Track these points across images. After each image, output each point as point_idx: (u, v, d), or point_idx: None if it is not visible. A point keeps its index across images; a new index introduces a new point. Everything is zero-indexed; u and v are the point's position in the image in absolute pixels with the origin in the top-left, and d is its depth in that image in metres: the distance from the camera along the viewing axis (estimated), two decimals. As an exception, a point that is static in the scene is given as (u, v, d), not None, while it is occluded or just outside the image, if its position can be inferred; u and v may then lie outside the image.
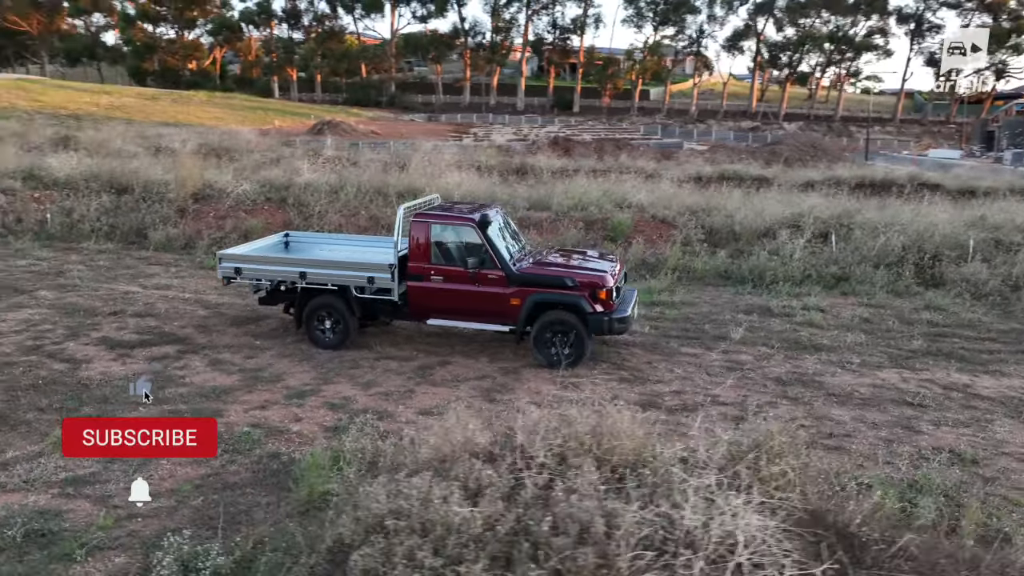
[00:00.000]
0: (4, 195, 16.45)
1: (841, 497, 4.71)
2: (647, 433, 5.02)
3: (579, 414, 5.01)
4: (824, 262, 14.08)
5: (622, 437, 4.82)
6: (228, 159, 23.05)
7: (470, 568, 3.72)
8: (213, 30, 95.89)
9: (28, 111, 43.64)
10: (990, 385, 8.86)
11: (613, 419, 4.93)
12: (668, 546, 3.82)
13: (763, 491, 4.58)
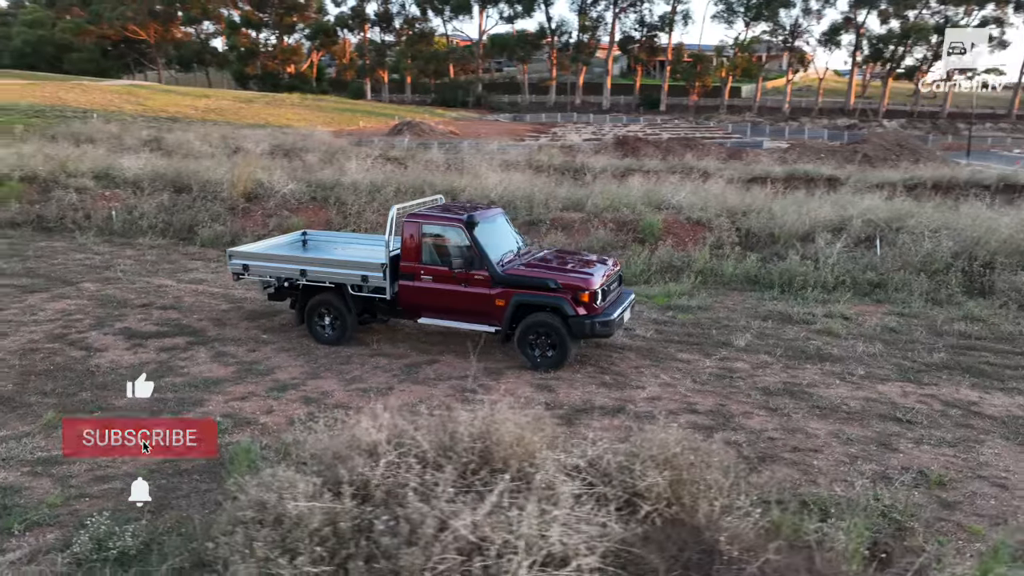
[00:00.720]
0: (77, 193, 17.76)
1: (725, 512, 4.56)
2: (541, 438, 5.01)
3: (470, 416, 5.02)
4: (861, 267, 13.40)
5: (504, 441, 4.83)
6: (297, 159, 24.03)
7: (298, 561, 3.84)
8: (310, 35, 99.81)
9: (132, 114, 46.71)
10: (1000, 404, 8.25)
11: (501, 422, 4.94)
12: (493, 550, 3.81)
13: (631, 500, 4.51)
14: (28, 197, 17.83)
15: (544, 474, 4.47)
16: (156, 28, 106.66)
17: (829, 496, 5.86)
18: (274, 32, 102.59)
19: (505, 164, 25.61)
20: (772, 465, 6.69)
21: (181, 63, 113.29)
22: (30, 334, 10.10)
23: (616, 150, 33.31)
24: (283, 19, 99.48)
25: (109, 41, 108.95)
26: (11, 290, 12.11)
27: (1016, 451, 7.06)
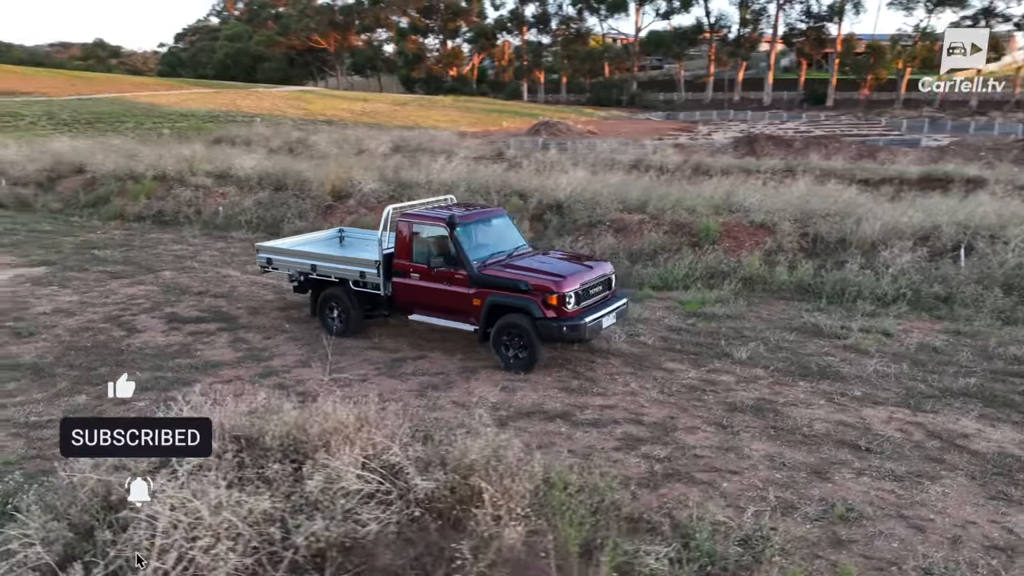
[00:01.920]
0: (193, 190, 19.81)
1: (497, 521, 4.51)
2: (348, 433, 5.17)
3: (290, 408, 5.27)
4: (929, 279, 12.11)
5: (312, 433, 5.03)
6: (409, 158, 25.20)
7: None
8: (471, 38, 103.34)
9: (293, 118, 50.81)
10: (998, 439, 7.26)
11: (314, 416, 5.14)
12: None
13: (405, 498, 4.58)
14: (156, 194, 20.12)
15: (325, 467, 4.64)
16: (336, 37, 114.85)
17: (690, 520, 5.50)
18: (439, 37, 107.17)
19: (608, 164, 25.42)
20: (673, 483, 6.36)
21: (356, 69, 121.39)
22: (92, 314, 11.51)
23: (739, 149, 31.84)
24: (447, 24, 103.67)
25: (295, 51, 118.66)
26: (102, 276, 13.81)
27: (970, 492, 6.23)
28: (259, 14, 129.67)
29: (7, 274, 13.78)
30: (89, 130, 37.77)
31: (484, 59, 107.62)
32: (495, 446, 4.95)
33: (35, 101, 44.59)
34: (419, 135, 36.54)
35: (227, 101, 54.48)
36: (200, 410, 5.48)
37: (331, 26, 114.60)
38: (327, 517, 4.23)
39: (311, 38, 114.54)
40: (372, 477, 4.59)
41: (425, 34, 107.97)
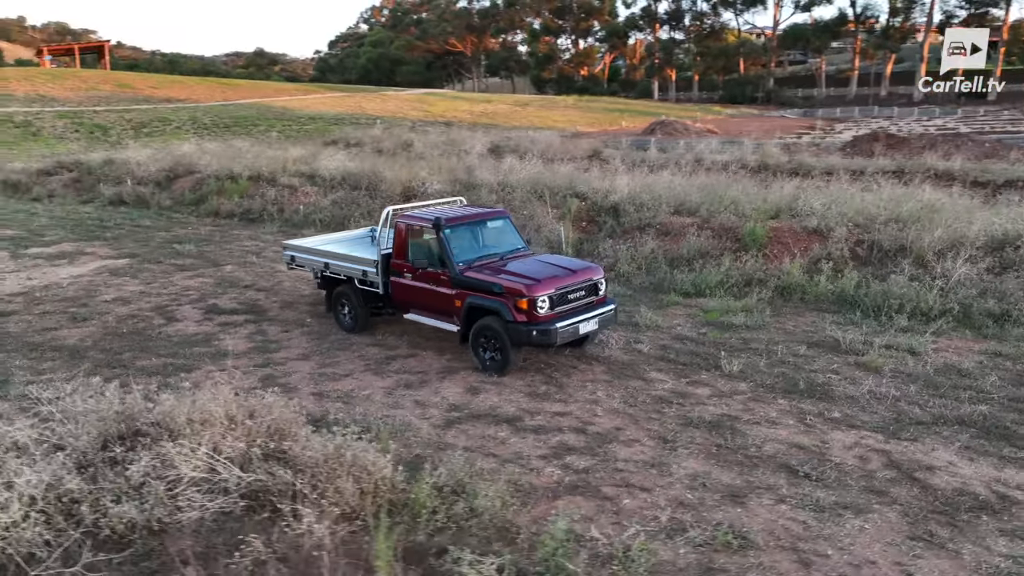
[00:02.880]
0: (279, 189, 21.13)
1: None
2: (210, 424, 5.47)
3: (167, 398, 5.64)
4: (985, 294, 10.95)
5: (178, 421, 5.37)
6: (499, 158, 25.60)
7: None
8: (602, 37, 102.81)
9: (413, 120, 52.71)
10: (965, 475, 6.52)
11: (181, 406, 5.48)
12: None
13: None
14: (248, 193, 21.63)
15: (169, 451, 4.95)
16: (472, 40, 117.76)
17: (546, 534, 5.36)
18: (570, 37, 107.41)
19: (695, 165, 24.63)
20: (573, 496, 6.22)
21: (491, 71, 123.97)
22: (144, 303, 12.62)
23: (853, 148, 29.78)
24: (579, 24, 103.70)
25: (433, 54, 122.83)
26: (171, 269, 15.08)
27: (892, 529, 5.66)
28: (402, 20, 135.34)
29: (94, 265, 15.36)
30: (225, 133, 41.03)
31: (615, 58, 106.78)
32: (337, 445, 5.07)
33: (184, 107, 49.02)
34: (522, 136, 36.87)
35: (354, 104, 57.33)
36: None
37: (468, 29, 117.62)
38: (145, 501, 4.52)
39: (448, 42, 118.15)
40: (199, 464, 4.86)
41: (557, 34, 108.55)
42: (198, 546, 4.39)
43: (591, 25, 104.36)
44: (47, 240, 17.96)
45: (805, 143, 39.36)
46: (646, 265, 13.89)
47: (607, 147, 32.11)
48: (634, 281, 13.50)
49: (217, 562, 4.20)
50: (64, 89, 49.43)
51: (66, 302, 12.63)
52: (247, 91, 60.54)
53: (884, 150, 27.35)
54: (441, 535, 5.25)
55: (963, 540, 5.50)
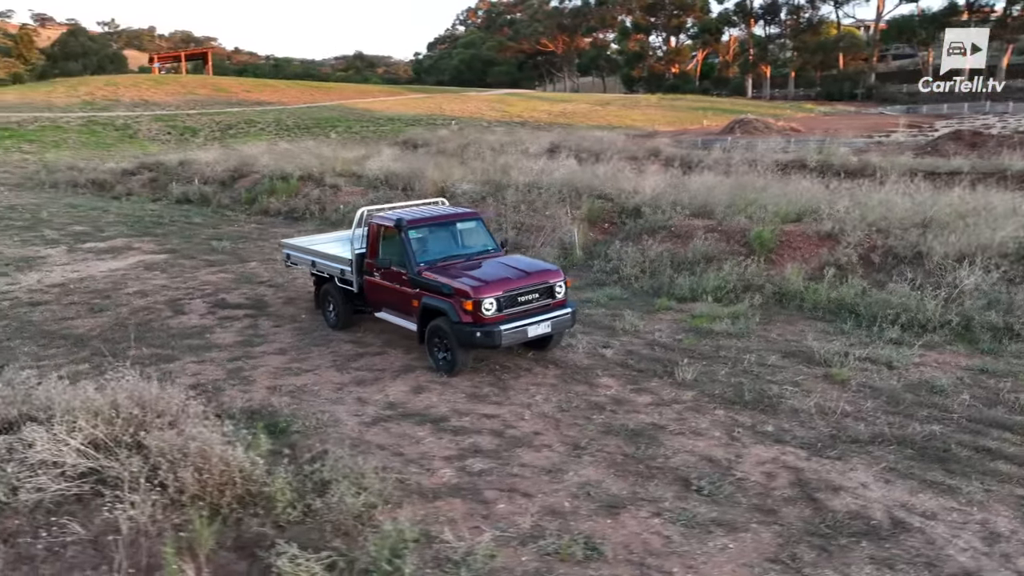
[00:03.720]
0: (324, 189, 21.89)
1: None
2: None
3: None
4: (991, 306, 10.16)
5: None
6: (554, 159, 25.62)
7: None
8: (694, 34, 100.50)
9: (489, 120, 53.24)
10: (872, 497, 6.12)
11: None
12: None
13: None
14: (297, 192, 22.53)
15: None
16: (563, 39, 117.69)
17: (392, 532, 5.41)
18: (661, 34, 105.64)
19: (751, 165, 23.85)
20: (452, 498, 6.25)
21: (581, 70, 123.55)
22: (161, 296, 13.40)
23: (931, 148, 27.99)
24: (670, 20, 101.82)
25: (524, 55, 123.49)
26: (201, 264, 15.93)
27: (758, 550, 5.41)
28: (495, 21, 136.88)
29: (133, 259, 16.42)
30: (304, 134, 42.76)
31: (708, 55, 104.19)
32: (187, 436, 5.31)
33: (271, 110, 51.39)
34: (588, 136, 36.63)
35: (434, 105, 58.45)
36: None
37: (559, 29, 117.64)
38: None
39: (540, 42, 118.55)
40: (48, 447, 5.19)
41: (649, 32, 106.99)
42: (26, 526, 4.72)
43: (683, 22, 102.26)
44: (105, 236, 19.32)
45: (891, 142, 37.35)
46: (650, 268, 13.61)
47: (674, 146, 31.53)
48: (635, 285, 13.25)
49: (19, 543, 4.51)
50: (165, 94, 52.79)
51: (93, 294, 13.58)
52: (334, 94, 62.80)
53: (963, 149, 25.59)
54: (292, 528, 5.42)
55: (825, 566, 5.20)
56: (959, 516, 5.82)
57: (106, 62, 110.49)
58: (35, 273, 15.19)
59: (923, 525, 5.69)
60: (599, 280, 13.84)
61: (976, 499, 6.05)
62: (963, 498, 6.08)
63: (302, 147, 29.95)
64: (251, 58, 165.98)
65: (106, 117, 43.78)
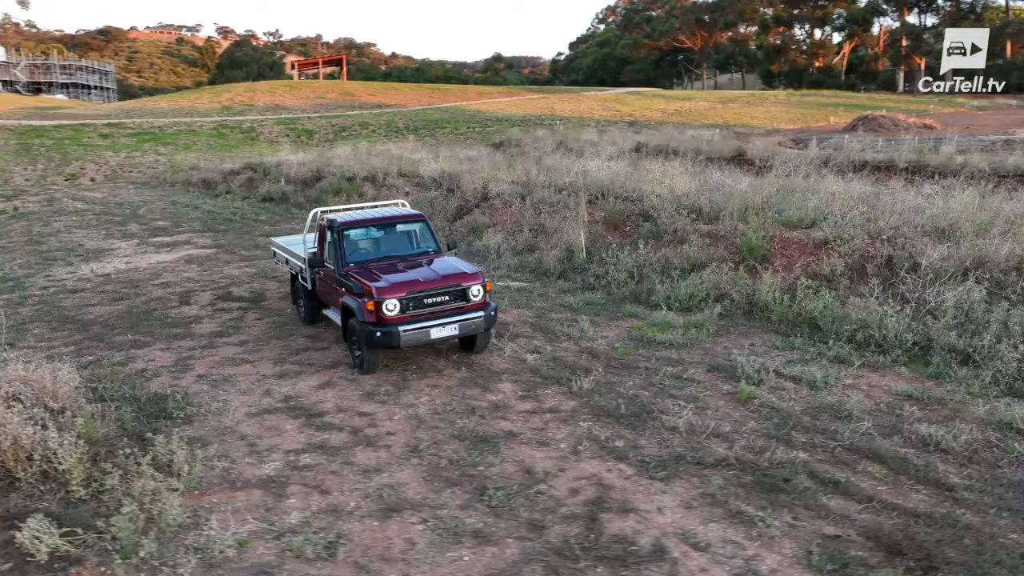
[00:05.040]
0: (379, 189, 22.76)
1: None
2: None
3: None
4: (957, 326, 9.11)
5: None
6: (623, 159, 25.27)
7: None
8: (839, 25, 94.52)
9: (598, 119, 52.84)
10: (660, 523, 5.78)
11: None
12: None
13: None
14: (358, 192, 23.58)
15: None
16: (701, 35, 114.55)
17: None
18: (804, 26, 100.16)
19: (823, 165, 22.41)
20: (254, 489, 6.53)
21: (719, 67, 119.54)
22: (179, 288, 14.57)
23: None
24: (814, 11, 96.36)
25: (660, 52, 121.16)
26: (234, 259, 17.12)
27: (469, 561, 5.29)
28: (632, 19, 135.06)
29: (182, 253, 17.92)
30: (410, 136, 44.41)
31: (855, 47, 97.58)
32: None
33: (386, 112, 53.74)
34: (676, 136, 35.59)
35: (545, 106, 58.73)
36: None
37: (696, 24, 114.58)
38: None
39: (676, 38, 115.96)
40: None
41: (790, 25, 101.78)
42: None
43: (829, 12, 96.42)
44: (177, 231, 21.16)
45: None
46: (639, 274, 13.21)
47: (769, 145, 30.11)
48: (619, 290, 12.93)
49: None
50: (296, 99, 56.60)
51: (126, 284, 15.00)
52: (452, 96, 64.65)
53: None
54: (83, 506, 5.91)
55: (535, 587, 5.02)
56: (731, 550, 5.39)
57: (266, 69, 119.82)
58: (95, 264, 16.95)
59: (681, 555, 5.33)
60: (588, 284, 13.60)
61: (769, 534, 5.58)
62: (756, 531, 5.62)
63: (381, 149, 31.20)
64: (406, 62, 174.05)
65: (235, 121, 47.65)
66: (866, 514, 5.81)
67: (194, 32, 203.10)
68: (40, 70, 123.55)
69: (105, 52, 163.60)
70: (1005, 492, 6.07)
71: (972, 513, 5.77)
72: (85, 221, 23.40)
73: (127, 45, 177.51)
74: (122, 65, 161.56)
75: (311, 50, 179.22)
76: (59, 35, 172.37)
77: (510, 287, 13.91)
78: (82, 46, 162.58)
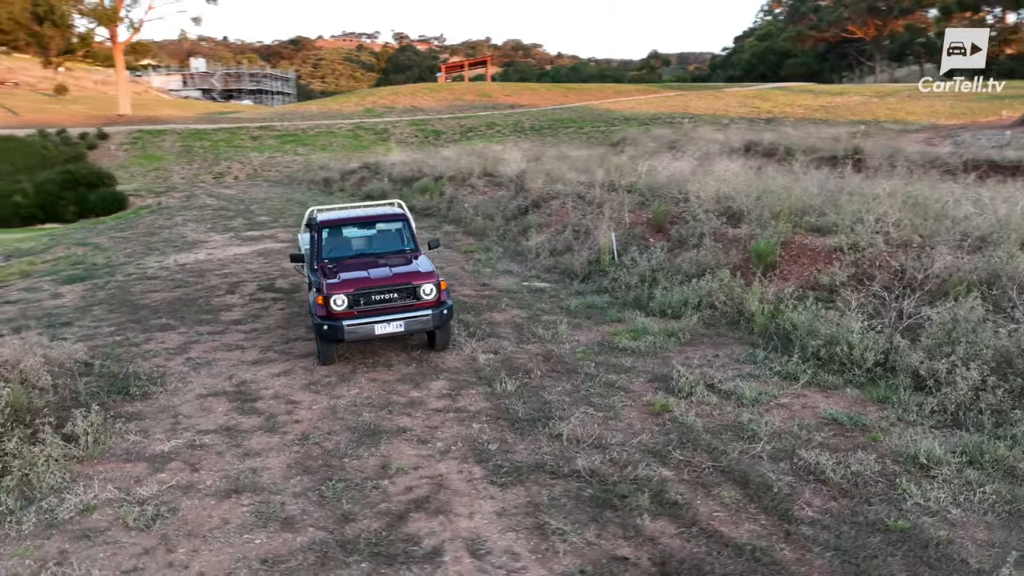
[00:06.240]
0: (460, 189, 23.33)
1: None
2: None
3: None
4: (936, 346, 8.14)
5: None
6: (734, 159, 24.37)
7: None
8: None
9: (732, 117, 50.71)
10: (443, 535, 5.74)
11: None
12: None
13: None
14: (442, 191, 24.31)
15: None
16: (874, 24, 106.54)
17: None
18: (994, 9, 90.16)
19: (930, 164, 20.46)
20: (132, 463, 7.15)
21: (892, 58, 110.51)
22: (234, 278, 15.83)
23: None
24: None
25: (827, 44, 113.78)
26: (300, 252, 18.28)
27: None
28: (798, 9, 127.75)
29: (259, 247, 19.40)
30: (533, 136, 44.96)
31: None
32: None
33: (516, 112, 54.55)
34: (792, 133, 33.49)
35: (680, 104, 57.07)
36: None
37: (868, 12, 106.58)
38: None
39: (845, 28, 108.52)
40: None
41: (977, 9, 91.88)
42: None
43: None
44: (272, 225, 22.91)
45: None
46: (651, 277, 12.80)
47: (916, 142, 27.85)
48: (623, 294, 12.61)
49: None
50: (434, 100, 58.89)
51: (194, 273, 16.53)
52: (587, 94, 64.41)
53: None
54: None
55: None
56: (504, 560, 5.28)
57: (426, 73, 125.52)
58: (183, 255, 18.79)
59: (452, 560, 5.30)
60: (601, 288, 13.35)
61: (556, 550, 5.39)
62: (546, 545, 5.45)
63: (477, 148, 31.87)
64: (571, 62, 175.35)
65: (372, 123, 50.42)
66: (676, 540, 5.46)
67: (373, 39, 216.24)
68: (232, 78, 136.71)
69: (294, 60, 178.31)
70: (850, 530, 5.46)
71: (792, 550, 5.26)
72: (202, 216, 25.89)
73: (313, 53, 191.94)
74: (307, 71, 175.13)
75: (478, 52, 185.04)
76: (257, 46, 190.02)
77: (532, 288, 13.95)
78: (275, 55, 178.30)
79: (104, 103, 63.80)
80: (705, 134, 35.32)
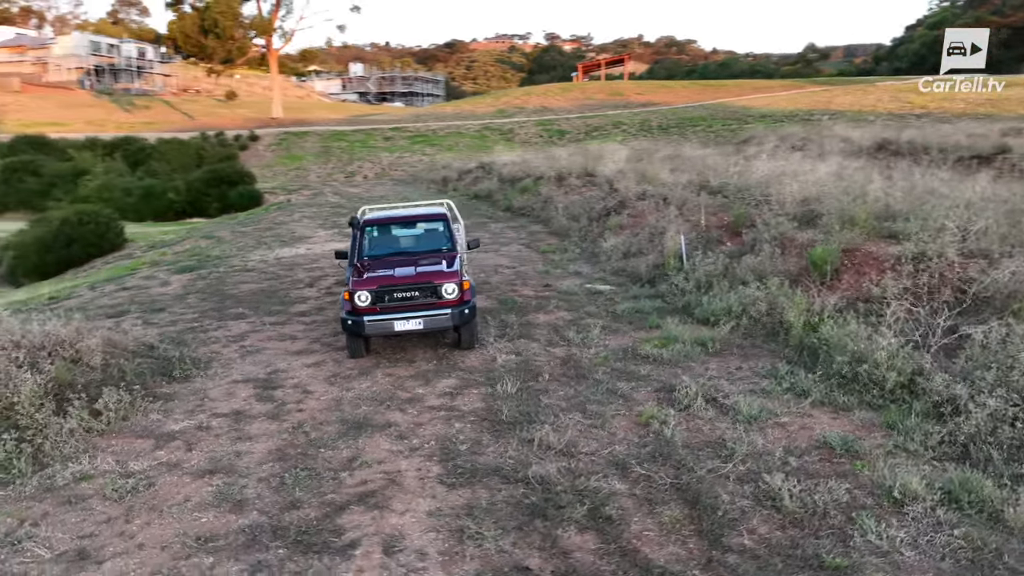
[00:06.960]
0: (554, 188, 23.27)
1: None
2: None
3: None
4: (971, 369, 7.29)
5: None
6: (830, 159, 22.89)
7: None
8: None
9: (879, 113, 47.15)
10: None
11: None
12: None
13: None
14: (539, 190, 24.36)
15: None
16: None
17: None
18: None
19: None
20: (143, 439, 7.80)
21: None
22: (316, 273, 16.71)
23: None
24: None
25: (1011, 30, 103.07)
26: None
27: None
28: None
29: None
30: (659, 135, 44.06)
31: None
32: None
33: (644, 111, 53.47)
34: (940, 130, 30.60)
35: (823, 100, 53.64)
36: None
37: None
38: None
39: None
40: None
41: None
42: None
43: None
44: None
45: None
46: (705, 284, 12.28)
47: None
48: (673, 300, 12.20)
49: None
50: (565, 100, 58.97)
51: (285, 267, 17.60)
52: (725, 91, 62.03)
53: None
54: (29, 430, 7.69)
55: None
56: (412, 560, 5.32)
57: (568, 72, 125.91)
58: (286, 249, 20.07)
59: (362, 555, 5.40)
60: (658, 293, 12.96)
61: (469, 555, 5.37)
62: (460, 549, 5.45)
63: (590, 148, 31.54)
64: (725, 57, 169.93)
65: (500, 123, 51.28)
66: (589, 556, 5.28)
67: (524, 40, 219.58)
68: (386, 82, 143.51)
69: (448, 63, 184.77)
70: (778, 564, 5.04)
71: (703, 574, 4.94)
72: (319, 213, 27.48)
73: (467, 56, 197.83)
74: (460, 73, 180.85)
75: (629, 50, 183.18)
76: (416, 50, 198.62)
77: (592, 290, 13.78)
78: (431, 59, 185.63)
79: (266, 107, 69.10)
80: (840, 131, 33.09)
